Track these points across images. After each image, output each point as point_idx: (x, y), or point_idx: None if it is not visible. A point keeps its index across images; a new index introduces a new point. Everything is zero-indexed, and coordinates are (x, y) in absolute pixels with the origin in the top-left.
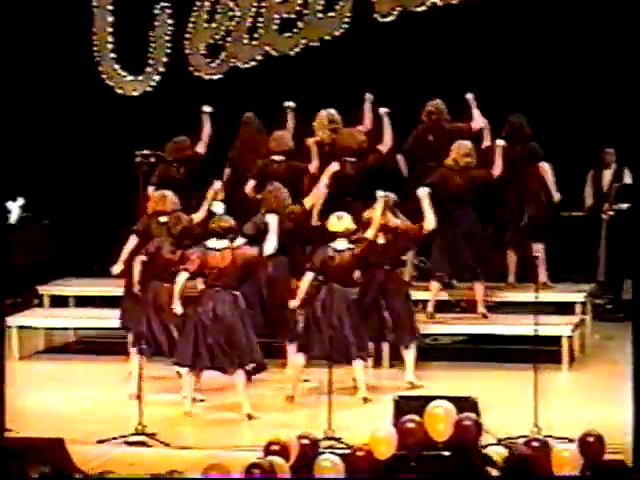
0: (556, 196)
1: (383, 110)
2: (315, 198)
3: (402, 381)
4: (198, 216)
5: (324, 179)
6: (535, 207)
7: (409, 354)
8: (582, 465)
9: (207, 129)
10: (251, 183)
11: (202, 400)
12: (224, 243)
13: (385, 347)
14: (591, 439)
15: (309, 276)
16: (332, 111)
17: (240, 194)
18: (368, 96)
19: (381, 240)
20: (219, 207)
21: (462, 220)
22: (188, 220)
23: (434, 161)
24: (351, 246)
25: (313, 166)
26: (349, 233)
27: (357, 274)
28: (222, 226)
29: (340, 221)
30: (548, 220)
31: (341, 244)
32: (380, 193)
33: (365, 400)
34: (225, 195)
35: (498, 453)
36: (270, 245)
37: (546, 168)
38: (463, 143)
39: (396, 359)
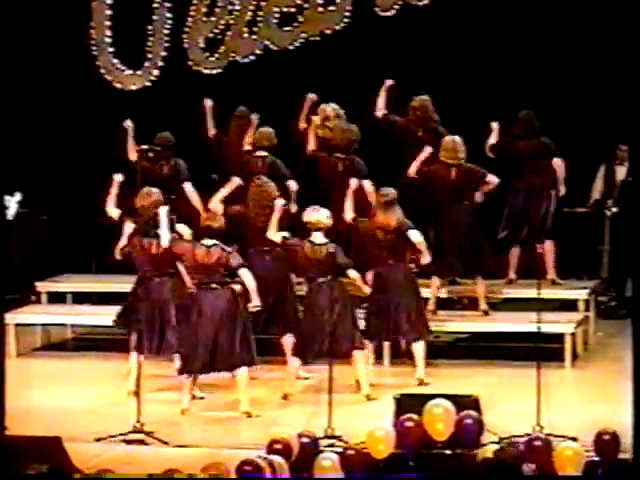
0: (562, 190)
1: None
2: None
3: (403, 378)
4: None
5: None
6: (543, 205)
7: (419, 350)
8: (585, 464)
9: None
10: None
11: (202, 398)
12: (209, 242)
13: (386, 344)
14: (607, 437)
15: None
16: (335, 106)
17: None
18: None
19: (383, 238)
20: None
21: (458, 216)
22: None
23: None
24: (327, 240)
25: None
26: (323, 227)
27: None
28: (212, 225)
29: (315, 213)
30: (554, 219)
31: (318, 238)
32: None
33: (368, 398)
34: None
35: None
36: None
37: (560, 163)
38: (449, 139)
39: (396, 356)
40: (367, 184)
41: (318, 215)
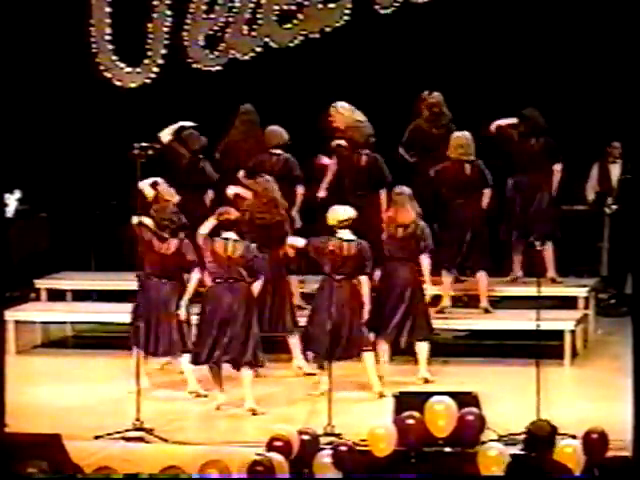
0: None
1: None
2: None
3: (402, 376)
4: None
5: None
6: (544, 203)
7: (423, 350)
8: (585, 462)
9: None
10: (242, 172)
11: (205, 396)
12: (232, 235)
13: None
14: (595, 436)
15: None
16: (342, 104)
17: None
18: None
19: (400, 234)
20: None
21: (467, 212)
22: (172, 209)
23: (433, 152)
24: (355, 238)
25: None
26: (350, 223)
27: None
28: (229, 218)
29: (343, 211)
30: (554, 219)
31: (347, 234)
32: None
33: (381, 395)
34: (218, 187)
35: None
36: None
37: (558, 168)
38: (460, 135)
39: (395, 354)
40: (382, 194)
41: (347, 211)
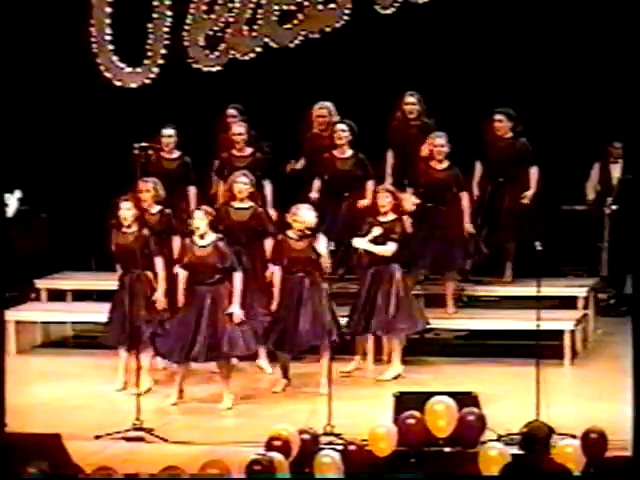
0: (529, 195)
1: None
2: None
3: (403, 375)
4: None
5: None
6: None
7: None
8: (585, 462)
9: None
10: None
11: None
12: (212, 237)
13: (385, 341)
14: (594, 435)
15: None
16: (324, 104)
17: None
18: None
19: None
20: None
21: (436, 214)
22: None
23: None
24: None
25: None
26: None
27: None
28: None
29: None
30: (532, 219)
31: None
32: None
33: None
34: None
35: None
36: None
37: (534, 171)
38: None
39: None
40: (370, 185)
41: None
